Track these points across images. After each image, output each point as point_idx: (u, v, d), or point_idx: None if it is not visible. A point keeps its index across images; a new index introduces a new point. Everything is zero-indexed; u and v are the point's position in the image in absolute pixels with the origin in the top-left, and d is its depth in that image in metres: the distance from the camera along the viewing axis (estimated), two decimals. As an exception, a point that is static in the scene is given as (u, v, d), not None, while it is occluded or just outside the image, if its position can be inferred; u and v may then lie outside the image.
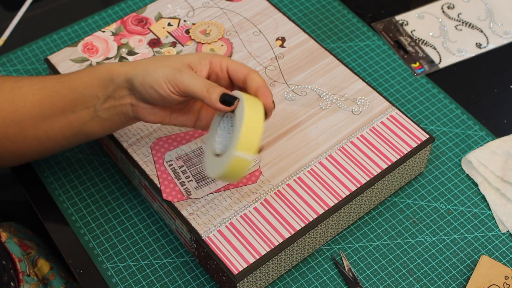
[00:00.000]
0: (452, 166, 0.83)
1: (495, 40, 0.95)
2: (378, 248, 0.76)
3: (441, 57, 0.93)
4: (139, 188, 0.79)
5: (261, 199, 0.73)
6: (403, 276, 0.74)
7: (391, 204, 0.80)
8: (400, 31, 0.96)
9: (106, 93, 0.70)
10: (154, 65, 0.68)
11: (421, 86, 0.90)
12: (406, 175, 0.79)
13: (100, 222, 0.78)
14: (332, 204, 0.73)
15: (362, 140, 0.77)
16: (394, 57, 0.93)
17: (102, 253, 0.76)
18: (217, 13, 0.90)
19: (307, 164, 0.76)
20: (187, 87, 0.67)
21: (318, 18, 0.98)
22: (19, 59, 0.93)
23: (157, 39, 0.87)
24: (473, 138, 0.85)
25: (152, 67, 0.68)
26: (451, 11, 0.98)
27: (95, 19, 0.98)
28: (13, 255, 0.79)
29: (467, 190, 0.81)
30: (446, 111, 0.87)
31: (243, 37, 0.87)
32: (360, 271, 0.75)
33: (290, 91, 0.82)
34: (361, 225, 0.78)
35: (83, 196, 0.80)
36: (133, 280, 0.74)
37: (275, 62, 0.85)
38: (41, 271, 0.82)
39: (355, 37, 0.95)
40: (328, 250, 0.76)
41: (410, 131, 0.78)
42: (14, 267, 0.78)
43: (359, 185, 0.74)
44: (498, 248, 0.76)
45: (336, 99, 0.81)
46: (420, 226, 0.78)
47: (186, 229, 0.72)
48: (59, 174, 0.82)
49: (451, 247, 0.76)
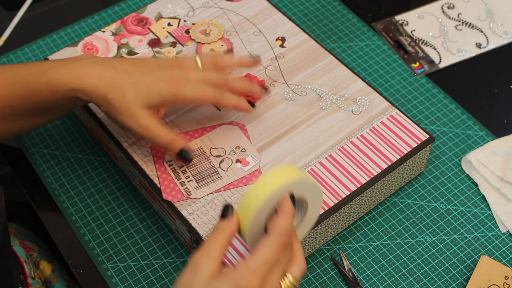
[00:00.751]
0: (452, 166, 0.83)
1: (495, 40, 0.95)
2: (378, 248, 0.76)
3: (441, 57, 0.93)
4: (139, 188, 0.79)
5: (261, 199, 0.73)
6: (403, 276, 0.74)
7: (391, 204, 0.80)
8: (400, 31, 0.96)
9: (77, 104, 0.73)
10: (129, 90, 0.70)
11: (421, 86, 0.90)
12: (406, 175, 0.79)
13: (100, 222, 0.78)
14: (332, 204, 0.73)
15: (362, 140, 0.77)
16: (394, 57, 0.93)
17: (102, 253, 0.76)
18: (217, 13, 0.90)
19: (307, 164, 0.76)
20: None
21: (318, 18, 0.98)
22: (19, 59, 0.93)
23: (157, 39, 0.87)
24: (473, 138, 0.85)
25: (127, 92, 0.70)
26: (451, 11, 0.98)
27: (95, 19, 0.98)
28: (20, 259, 0.79)
29: (467, 190, 0.81)
30: (446, 111, 0.87)
31: (243, 37, 0.87)
32: (360, 271, 0.75)
33: (290, 91, 0.82)
34: (361, 225, 0.78)
35: (83, 196, 0.80)
36: (133, 280, 0.74)
37: (275, 62, 0.85)
38: (43, 273, 0.81)
39: (355, 37, 0.95)
40: (328, 250, 0.76)
41: (410, 131, 0.78)
42: (22, 271, 0.78)
43: (359, 185, 0.74)
44: (498, 248, 0.76)
45: (336, 99, 0.81)
46: (420, 226, 0.78)
47: (186, 229, 0.72)
48: (59, 174, 0.82)
49: (451, 247, 0.76)
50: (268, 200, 0.57)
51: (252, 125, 0.79)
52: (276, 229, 0.56)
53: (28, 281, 0.77)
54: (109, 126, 0.79)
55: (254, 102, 0.80)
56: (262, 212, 0.58)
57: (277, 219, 0.57)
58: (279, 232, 0.56)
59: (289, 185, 0.58)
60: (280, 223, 0.57)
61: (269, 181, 0.57)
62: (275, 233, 0.56)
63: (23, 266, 0.78)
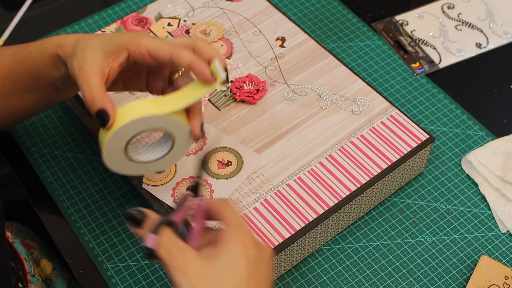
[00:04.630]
0: (452, 166, 0.83)
1: (495, 40, 0.95)
2: (378, 248, 0.76)
3: (441, 57, 0.93)
4: (139, 188, 0.79)
5: (261, 199, 0.73)
6: (403, 276, 0.74)
7: (391, 204, 0.80)
8: (400, 31, 0.96)
9: (60, 73, 0.69)
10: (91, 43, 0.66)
11: (421, 86, 0.90)
12: (406, 175, 0.79)
13: (100, 222, 0.78)
14: (332, 204, 0.73)
15: (362, 140, 0.77)
16: (394, 57, 0.93)
17: (102, 253, 0.76)
18: (217, 13, 0.90)
19: (307, 164, 0.76)
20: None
21: (318, 18, 0.98)
22: (19, 59, 0.93)
23: (157, 39, 0.87)
24: (473, 138, 0.85)
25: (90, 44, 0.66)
26: (451, 11, 0.98)
27: (95, 19, 0.98)
28: (20, 256, 0.79)
29: (467, 190, 0.81)
30: (446, 111, 0.87)
31: (243, 37, 0.87)
32: (360, 271, 0.75)
33: (290, 91, 0.82)
34: (361, 225, 0.78)
35: (83, 196, 0.80)
36: (133, 280, 0.74)
37: (275, 62, 0.85)
38: (44, 271, 0.82)
39: (355, 37, 0.95)
40: (328, 250, 0.76)
41: (410, 131, 0.78)
42: (22, 268, 0.78)
43: (359, 185, 0.74)
44: (498, 248, 0.76)
45: (336, 99, 0.81)
46: (420, 226, 0.78)
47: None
48: (59, 174, 0.82)
49: (451, 247, 0.76)
50: (125, 127, 0.62)
51: (252, 125, 0.79)
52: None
53: (27, 278, 0.77)
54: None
55: (254, 103, 0.80)
56: (120, 135, 0.63)
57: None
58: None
59: (148, 117, 0.63)
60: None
61: (136, 109, 0.63)
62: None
63: (23, 263, 0.78)
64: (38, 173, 0.83)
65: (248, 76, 0.83)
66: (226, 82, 0.64)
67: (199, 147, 0.77)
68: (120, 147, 0.64)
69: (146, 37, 0.64)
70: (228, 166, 0.75)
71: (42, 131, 0.86)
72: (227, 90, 0.82)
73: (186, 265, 0.54)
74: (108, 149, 0.63)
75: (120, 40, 0.64)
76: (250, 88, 0.81)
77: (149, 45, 0.63)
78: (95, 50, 0.63)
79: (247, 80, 0.82)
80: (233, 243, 0.55)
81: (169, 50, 0.63)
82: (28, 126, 0.87)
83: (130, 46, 0.64)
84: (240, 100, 0.81)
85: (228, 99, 0.81)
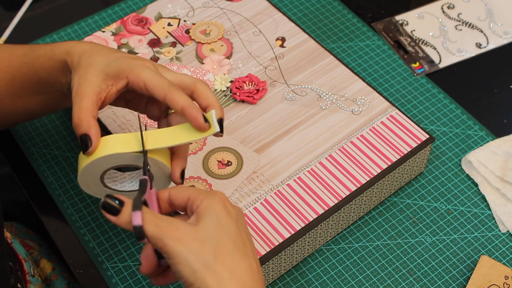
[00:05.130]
0: (452, 166, 0.83)
1: (495, 40, 0.95)
2: (378, 248, 0.76)
3: (441, 57, 0.93)
4: (139, 188, 0.79)
5: (261, 199, 0.73)
6: (403, 276, 0.74)
7: (391, 204, 0.80)
8: (400, 31, 0.96)
9: (67, 80, 0.68)
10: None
11: (421, 86, 0.90)
12: (406, 175, 0.79)
13: (100, 222, 0.78)
14: (332, 204, 0.73)
15: (362, 140, 0.77)
16: (394, 57, 0.93)
17: (102, 253, 0.76)
18: (217, 13, 0.90)
19: (307, 164, 0.76)
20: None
21: (318, 18, 0.98)
22: (19, 59, 0.93)
23: (157, 39, 0.87)
24: (473, 138, 0.85)
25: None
26: (451, 11, 0.98)
27: (95, 19, 0.98)
28: (19, 256, 0.79)
29: (467, 190, 0.81)
30: (446, 111, 0.87)
31: (243, 37, 0.87)
32: (360, 271, 0.75)
33: (290, 91, 0.82)
34: (361, 225, 0.78)
35: (83, 196, 0.80)
36: (133, 280, 0.74)
37: (275, 62, 0.85)
38: (44, 271, 0.82)
39: (355, 37, 0.95)
40: (328, 250, 0.76)
41: (410, 131, 0.78)
42: (21, 268, 0.78)
43: (359, 185, 0.74)
44: (498, 248, 0.76)
45: (336, 99, 0.81)
46: (420, 226, 0.78)
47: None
48: (59, 174, 0.82)
49: (451, 247, 0.76)
50: (105, 158, 0.61)
51: (252, 125, 0.79)
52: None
53: (27, 278, 0.77)
54: (109, 126, 0.79)
55: (254, 103, 0.80)
56: (98, 165, 0.62)
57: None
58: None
59: (130, 153, 0.61)
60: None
61: (111, 144, 0.61)
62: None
63: (22, 263, 0.78)
64: (38, 173, 0.83)
65: (248, 76, 0.83)
66: (220, 134, 0.63)
67: (199, 147, 0.77)
68: (97, 174, 0.63)
69: (146, 71, 0.63)
70: (228, 166, 0.75)
71: (42, 131, 0.86)
72: (227, 90, 0.82)
73: (179, 232, 0.54)
74: (84, 173, 0.62)
75: (122, 66, 0.64)
76: (250, 88, 0.82)
77: (147, 81, 0.63)
78: (97, 70, 0.63)
79: (247, 80, 0.82)
80: (213, 205, 0.57)
81: (165, 90, 0.62)
82: (28, 126, 0.87)
83: (130, 75, 0.63)
84: (240, 100, 0.81)
85: (228, 99, 0.81)
